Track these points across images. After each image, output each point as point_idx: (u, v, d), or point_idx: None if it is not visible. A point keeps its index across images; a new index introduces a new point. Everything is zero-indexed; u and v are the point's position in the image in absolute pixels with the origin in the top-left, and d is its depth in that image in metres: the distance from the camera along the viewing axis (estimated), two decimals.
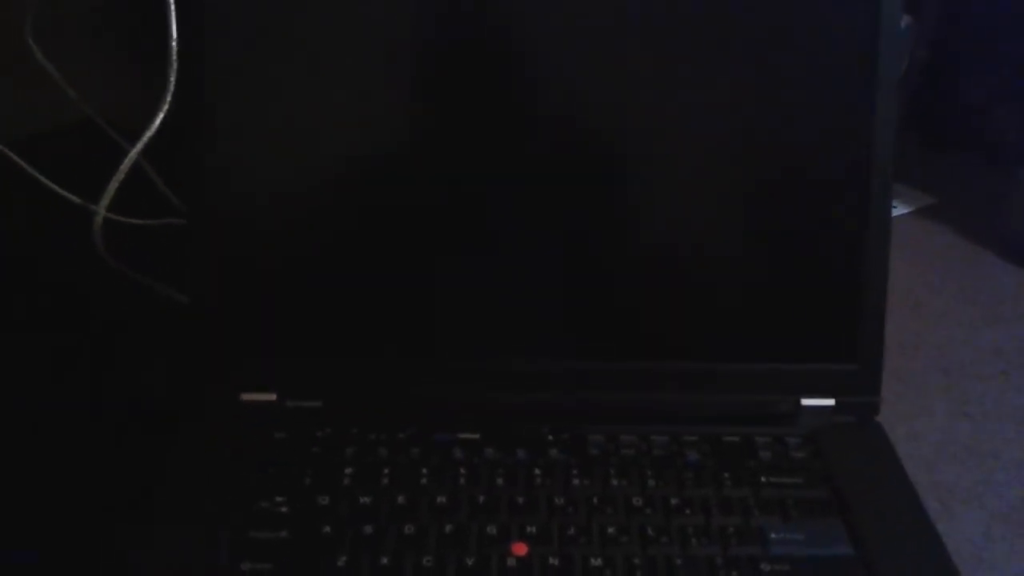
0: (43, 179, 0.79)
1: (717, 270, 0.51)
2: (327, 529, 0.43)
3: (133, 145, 0.72)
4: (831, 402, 0.50)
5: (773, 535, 0.44)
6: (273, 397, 0.49)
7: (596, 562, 0.42)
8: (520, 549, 0.42)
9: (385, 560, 0.42)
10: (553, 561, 0.42)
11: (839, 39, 0.48)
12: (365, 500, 0.45)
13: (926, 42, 1.20)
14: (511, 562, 0.42)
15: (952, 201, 1.04)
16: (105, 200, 0.71)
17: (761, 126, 0.49)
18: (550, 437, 0.48)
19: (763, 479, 0.46)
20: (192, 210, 0.50)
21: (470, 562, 0.42)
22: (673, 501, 0.45)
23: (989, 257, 0.93)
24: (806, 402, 0.50)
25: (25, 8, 0.79)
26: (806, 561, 0.42)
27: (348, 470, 0.46)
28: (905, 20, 1.04)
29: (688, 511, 0.45)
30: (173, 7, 0.66)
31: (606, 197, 0.49)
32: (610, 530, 0.43)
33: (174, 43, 0.68)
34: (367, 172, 0.49)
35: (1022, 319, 0.82)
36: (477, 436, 0.48)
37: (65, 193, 0.78)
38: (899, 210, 1.04)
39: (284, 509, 0.44)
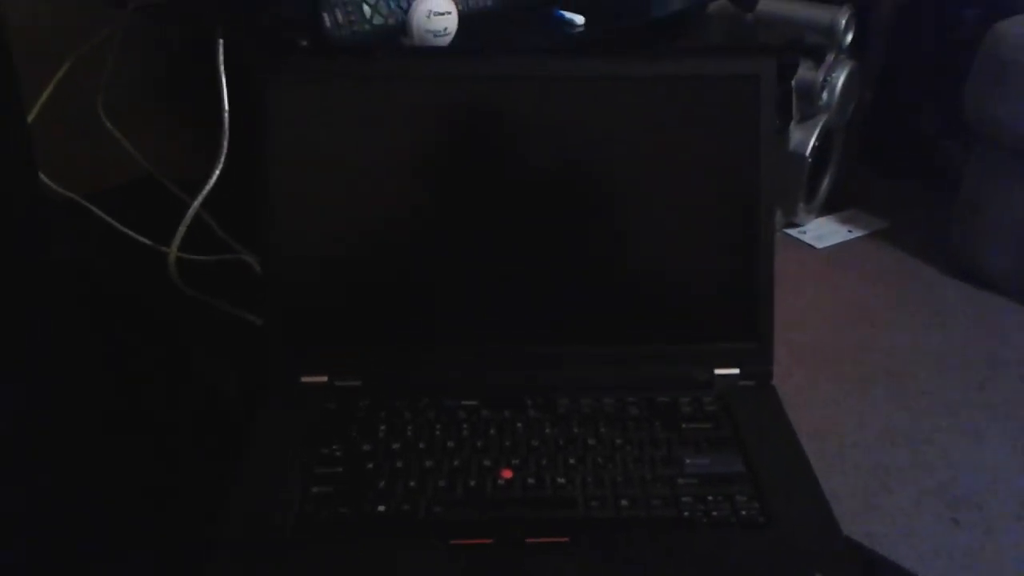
0: (120, 226, 0.97)
1: (653, 283, 0.69)
2: (370, 465, 0.60)
3: (189, 197, 0.89)
4: (736, 371, 0.68)
5: (688, 460, 0.61)
6: (324, 379, 0.67)
7: (561, 481, 0.59)
8: (507, 473, 0.60)
9: (412, 483, 0.59)
10: (531, 480, 0.59)
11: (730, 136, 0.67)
12: (396, 446, 0.62)
13: (872, 82, 1.36)
14: (501, 482, 0.59)
15: (903, 225, 1.19)
16: (176, 242, 0.88)
17: (686, 186, 0.68)
18: (529, 401, 0.66)
19: (683, 425, 0.64)
20: (261, 249, 0.67)
21: (472, 483, 0.59)
22: (617, 441, 0.62)
23: (933, 273, 1.07)
24: (718, 371, 0.68)
25: (96, 84, 0.97)
26: (711, 476, 0.60)
27: (382, 427, 0.64)
28: (851, 65, 1.20)
29: (628, 447, 0.62)
30: (224, 83, 0.83)
31: (571, 237, 0.68)
32: (571, 460, 0.61)
33: (226, 113, 0.85)
34: (392, 219, 0.67)
35: (959, 325, 0.96)
36: (476, 402, 0.66)
37: (140, 237, 0.96)
38: (855, 233, 1.19)
39: (338, 453, 0.62)
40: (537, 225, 0.67)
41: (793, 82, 1.11)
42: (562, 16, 0.83)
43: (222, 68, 0.82)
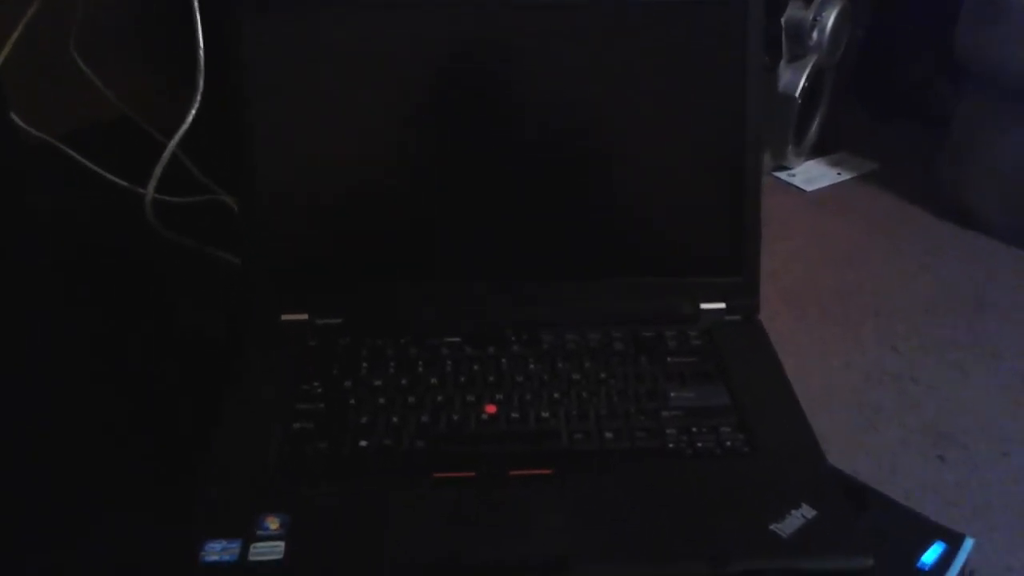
0: (96, 168, 0.95)
1: (638, 216, 0.68)
2: (351, 401, 0.60)
3: (165, 137, 0.87)
4: (722, 305, 0.67)
5: (673, 394, 0.61)
6: (305, 316, 0.66)
7: (544, 415, 0.59)
8: (491, 408, 0.59)
9: (394, 419, 0.58)
10: (515, 415, 0.59)
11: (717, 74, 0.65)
12: (377, 383, 0.61)
13: (862, 23, 1.34)
14: (484, 417, 0.59)
15: (893, 167, 1.17)
16: (152, 183, 0.87)
17: (672, 117, 0.66)
18: (512, 337, 0.65)
19: (668, 359, 0.63)
20: (240, 184, 0.66)
21: (455, 418, 0.58)
22: (602, 375, 0.62)
23: (923, 215, 1.07)
24: (704, 306, 0.67)
25: (69, 23, 0.94)
26: (696, 409, 0.59)
27: (364, 364, 0.63)
28: (841, 3, 1.18)
29: (613, 381, 0.61)
30: (199, 20, 0.81)
31: (553, 171, 0.66)
32: (555, 395, 0.60)
33: (202, 51, 0.83)
34: (370, 154, 0.66)
35: (948, 266, 0.96)
36: (458, 339, 0.65)
37: (116, 179, 0.94)
38: (845, 176, 1.18)
39: (319, 390, 0.61)
40: (519, 159, 0.66)
41: (783, 20, 1.08)
42: None
43: (196, 2, 0.80)
